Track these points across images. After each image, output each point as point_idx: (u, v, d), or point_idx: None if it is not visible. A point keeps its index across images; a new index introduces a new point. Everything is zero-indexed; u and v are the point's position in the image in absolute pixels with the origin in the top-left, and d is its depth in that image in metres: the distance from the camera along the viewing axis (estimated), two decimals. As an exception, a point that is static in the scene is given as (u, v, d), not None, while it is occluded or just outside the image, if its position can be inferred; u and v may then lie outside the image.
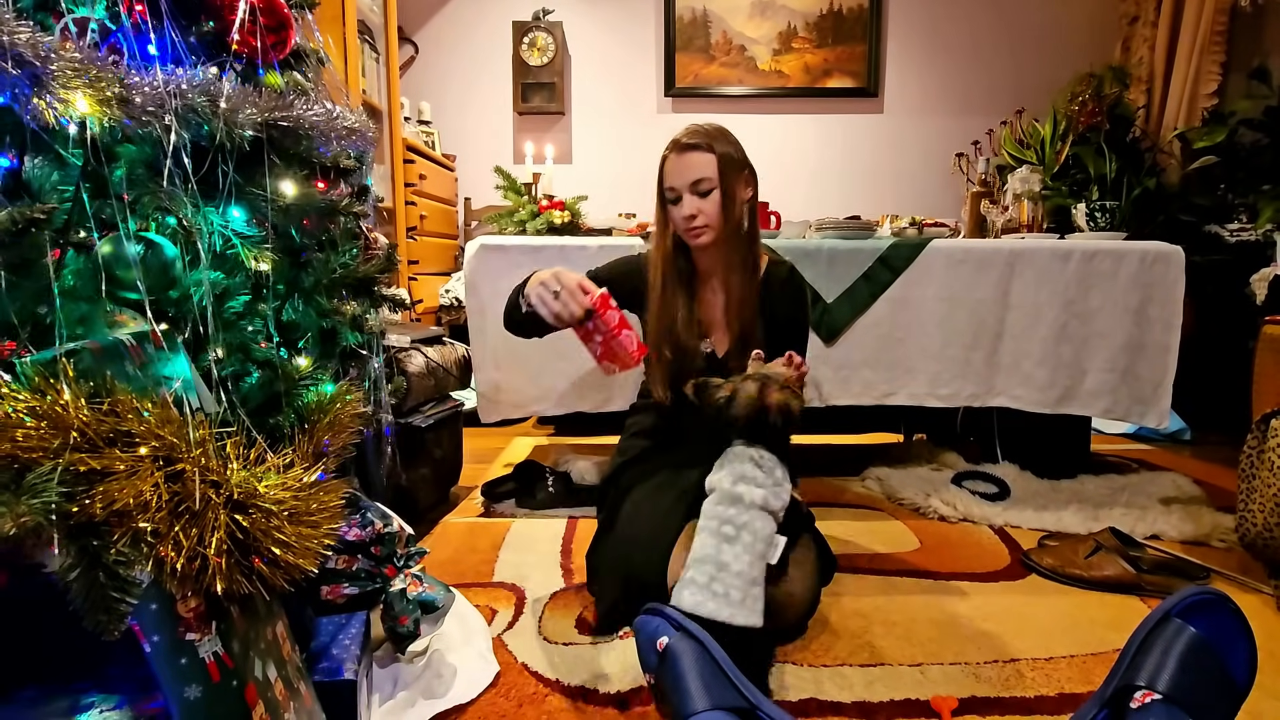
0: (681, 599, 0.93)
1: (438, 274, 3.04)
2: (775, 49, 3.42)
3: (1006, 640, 1.11)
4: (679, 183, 1.24)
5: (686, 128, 1.27)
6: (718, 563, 0.95)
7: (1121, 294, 1.72)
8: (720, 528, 0.98)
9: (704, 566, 0.95)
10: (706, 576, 0.94)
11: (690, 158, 1.24)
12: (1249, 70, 2.81)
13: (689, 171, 1.23)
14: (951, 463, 2.00)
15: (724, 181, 1.24)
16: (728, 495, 1.02)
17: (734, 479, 1.03)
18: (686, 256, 1.33)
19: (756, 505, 1.00)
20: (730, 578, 0.94)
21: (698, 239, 1.26)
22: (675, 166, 1.25)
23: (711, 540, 0.98)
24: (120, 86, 0.61)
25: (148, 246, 0.66)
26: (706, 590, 0.93)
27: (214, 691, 0.57)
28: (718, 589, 0.93)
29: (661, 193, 1.28)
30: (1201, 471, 2.03)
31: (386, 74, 2.75)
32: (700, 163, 1.23)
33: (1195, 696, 0.71)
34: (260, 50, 0.78)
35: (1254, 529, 1.20)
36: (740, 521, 0.99)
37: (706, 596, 0.93)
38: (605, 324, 1.03)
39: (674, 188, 1.25)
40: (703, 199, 1.23)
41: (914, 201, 3.42)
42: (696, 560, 0.97)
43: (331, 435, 0.84)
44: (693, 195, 1.23)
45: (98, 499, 0.48)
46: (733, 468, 1.04)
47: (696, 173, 1.23)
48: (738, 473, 1.03)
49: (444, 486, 1.79)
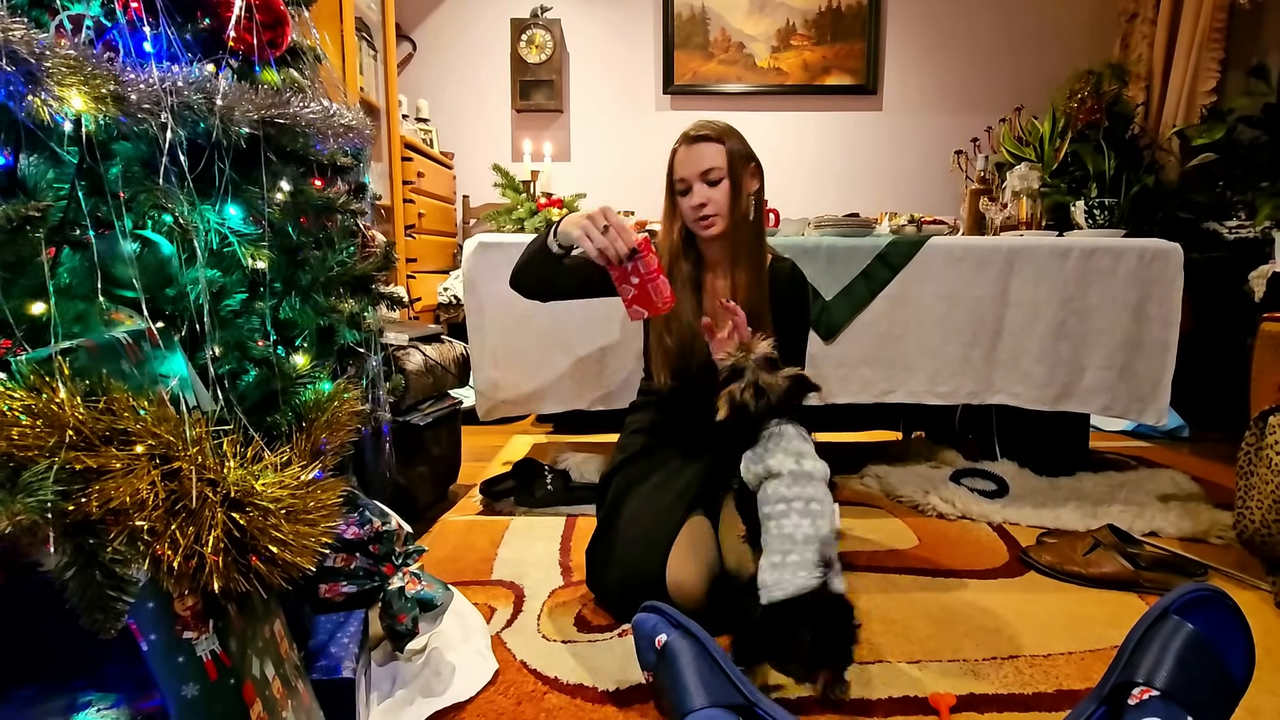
0: (795, 581, 0.93)
1: (436, 272, 3.03)
2: (774, 46, 3.41)
3: (1005, 637, 1.11)
4: (689, 173, 1.26)
5: (695, 122, 1.29)
6: (821, 539, 0.97)
7: (1120, 291, 1.72)
8: (808, 506, 1.00)
9: (810, 546, 0.96)
10: (816, 554, 0.95)
11: (700, 148, 1.26)
12: (1248, 67, 2.82)
13: (699, 161, 1.25)
14: (950, 460, 2.00)
15: (733, 172, 1.25)
16: (800, 474, 1.02)
17: (796, 457, 1.04)
18: (694, 248, 1.34)
19: (821, 478, 1.03)
20: (832, 550, 0.97)
21: (708, 229, 1.27)
22: (685, 157, 1.26)
23: (805, 520, 0.98)
24: (116, 84, 0.60)
25: (144, 244, 0.66)
26: (822, 567, 0.94)
27: (211, 690, 0.57)
28: (833, 562, 0.96)
29: (671, 185, 1.30)
30: (1200, 468, 2.03)
31: (384, 71, 2.75)
32: (710, 153, 1.25)
33: (1193, 693, 0.72)
34: (257, 47, 0.78)
35: (1252, 525, 1.20)
36: (820, 497, 1.01)
37: (833, 574, 0.95)
38: (646, 265, 1.04)
39: (684, 178, 1.26)
40: (712, 188, 1.25)
41: (913, 199, 3.42)
42: (799, 542, 0.97)
43: (329, 433, 0.83)
44: (702, 185, 1.25)
45: (94, 497, 0.48)
46: (788, 447, 1.05)
47: (706, 162, 1.25)
48: (796, 450, 1.05)
49: (443, 484, 1.79)
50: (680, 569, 1.10)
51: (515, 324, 1.75)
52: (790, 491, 1.01)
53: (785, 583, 0.94)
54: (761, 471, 1.05)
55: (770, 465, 1.05)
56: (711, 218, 1.26)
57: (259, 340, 0.78)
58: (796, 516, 0.99)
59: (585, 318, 1.74)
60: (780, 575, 0.95)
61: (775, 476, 1.04)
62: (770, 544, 0.99)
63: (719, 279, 1.35)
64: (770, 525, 1.01)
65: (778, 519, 1.00)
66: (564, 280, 1.25)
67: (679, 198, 1.29)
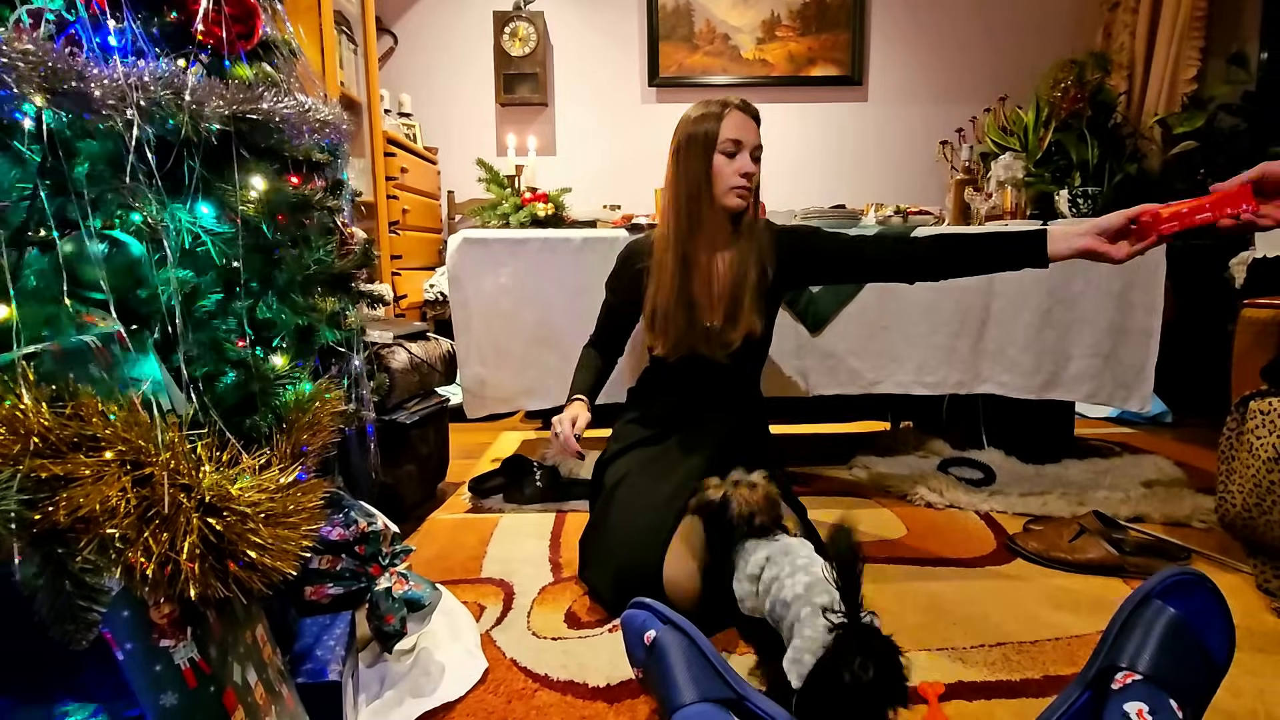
0: (815, 638, 0.83)
1: (422, 269, 3.01)
2: (759, 37, 3.40)
3: (992, 624, 1.12)
4: (746, 138, 1.26)
5: (735, 96, 1.30)
6: (815, 581, 0.91)
7: (1104, 279, 1.73)
8: (794, 564, 0.95)
9: (815, 592, 0.88)
10: (824, 596, 0.87)
11: (753, 123, 1.28)
12: (1228, 55, 2.84)
13: (755, 134, 1.28)
14: (938, 450, 2.01)
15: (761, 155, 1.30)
16: (778, 550, 0.99)
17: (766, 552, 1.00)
18: (699, 219, 1.30)
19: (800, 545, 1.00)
20: (831, 593, 0.87)
21: (740, 199, 1.28)
22: (741, 123, 1.26)
23: (798, 576, 0.93)
24: (78, 80, 0.59)
25: (113, 245, 0.64)
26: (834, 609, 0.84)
27: (191, 698, 0.56)
28: (834, 605, 0.85)
29: (707, 145, 1.25)
30: (1182, 454, 2.06)
31: (365, 65, 2.71)
32: (758, 131, 1.28)
33: (1175, 676, 0.72)
34: (226, 41, 0.76)
35: (1233, 510, 1.21)
36: (803, 552, 0.97)
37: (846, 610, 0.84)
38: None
39: (740, 141, 1.25)
40: (755, 163, 1.28)
41: (898, 189, 3.43)
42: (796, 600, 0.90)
43: (311, 435, 0.82)
44: (750, 157, 1.27)
45: (62, 505, 0.47)
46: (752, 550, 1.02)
47: (758, 138, 1.28)
48: (760, 548, 1.01)
49: (431, 483, 1.78)
50: (678, 566, 1.09)
51: (501, 320, 1.74)
52: (773, 570, 0.96)
53: (807, 646, 0.83)
54: (748, 586, 1.00)
55: (750, 573, 1.00)
56: (749, 189, 1.27)
57: (236, 341, 0.76)
58: (789, 582, 0.92)
59: (572, 314, 1.73)
60: (799, 650, 0.83)
61: (758, 575, 0.99)
62: (789, 632, 0.89)
63: (716, 260, 1.33)
64: (775, 614, 0.93)
65: (776, 597, 0.93)
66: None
67: (721, 157, 1.25)
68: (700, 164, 1.25)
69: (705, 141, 1.25)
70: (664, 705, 0.80)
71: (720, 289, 1.32)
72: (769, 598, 0.94)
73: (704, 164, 1.25)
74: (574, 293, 1.75)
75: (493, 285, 1.74)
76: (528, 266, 1.74)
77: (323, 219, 0.89)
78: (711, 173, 1.26)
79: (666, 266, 1.30)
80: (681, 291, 1.29)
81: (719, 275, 1.33)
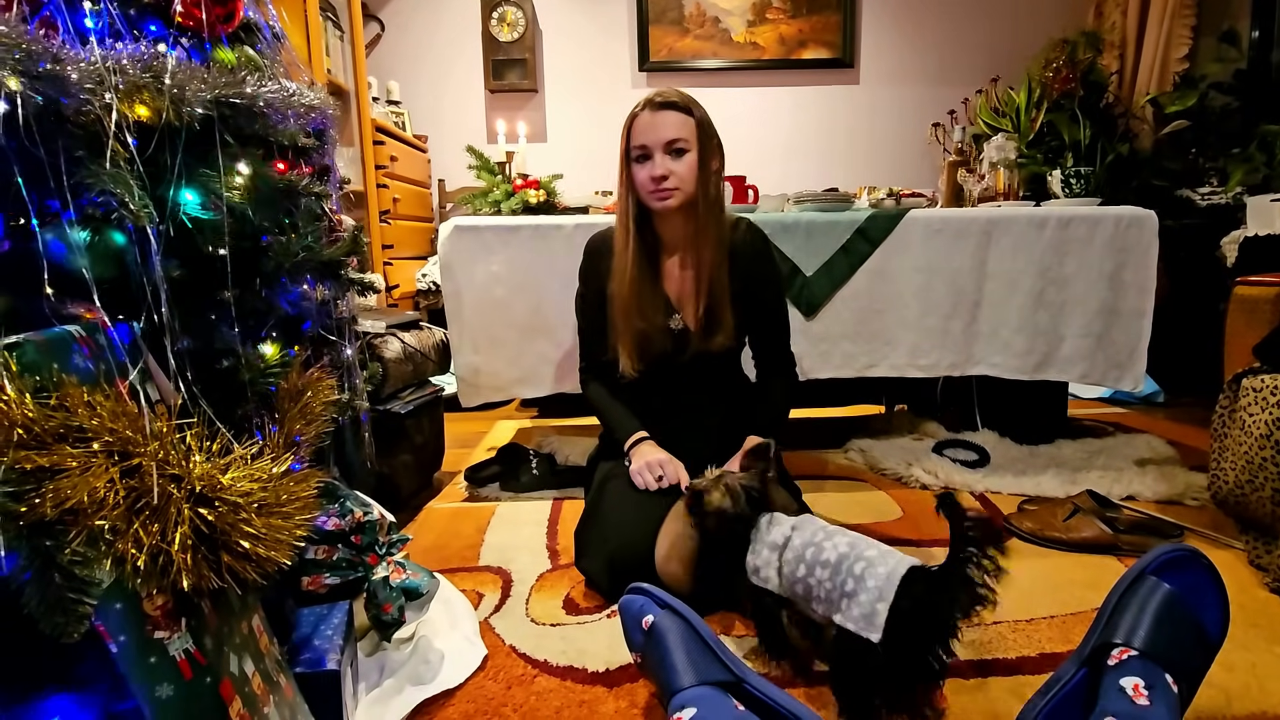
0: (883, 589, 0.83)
1: (414, 258, 2.98)
2: (750, 20, 3.37)
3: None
4: (652, 140, 1.20)
5: (658, 90, 1.24)
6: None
7: (1097, 259, 1.73)
8: (828, 531, 0.94)
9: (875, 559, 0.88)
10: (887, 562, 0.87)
11: (667, 116, 1.20)
12: (1219, 34, 2.83)
13: (665, 130, 1.19)
14: (932, 432, 2.02)
15: (702, 145, 1.21)
16: (802, 522, 0.98)
17: (789, 523, 0.99)
18: (650, 227, 1.29)
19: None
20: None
21: (664, 201, 1.21)
22: (649, 123, 1.20)
23: (835, 540, 0.92)
24: (53, 62, 0.57)
25: (94, 232, 0.63)
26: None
27: (187, 689, 0.56)
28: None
29: (627, 152, 1.24)
30: (1175, 432, 2.07)
31: (352, 52, 2.67)
32: (676, 122, 1.19)
33: (1170, 651, 0.73)
34: (206, 24, 0.74)
35: (1225, 487, 1.22)
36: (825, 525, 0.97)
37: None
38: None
39: (645, 145, 1.20)
40: (676, 160, 1.20)
41: (891, 172, 3.42)
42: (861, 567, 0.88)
43: (303, 424, 0.81)
44: (665, 155, 1.20)
45: (48, 497, 0.46)
46: (776, 522, 1.00)
47: (673, 132, 1.19)
48: (784, 521, 0.99)
49: (427, 472, 1.78)
50: (669, 550, 1.09)
51: (495, 308, 1.73)
52: (804, 536, 0.94)
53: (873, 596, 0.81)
54: (767, 555, 0.96)
55: (771, 541, 0.96)
56: (671, 191, 1.20)
57: (224, 329, 0.75)
58: (828, 545, 0.90)
59: (565, 301, 1.72)
60: (866, 605, 0.82)
61: (782, 544, 0.95)
62: (831, 592, 0.87)
63: (679, 261, 1.30)
64: (814, 577, 0.89)
65: (815, 559, 0.90)
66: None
67: (634, 165, 1.23)
68: (625, 173, 1.26)
69: (624, 151, 1.25)
70: (663, 689, 0.80)
71: (685, 289, 1.30)
72: (802, 563, 0.91)
73: (627, 173, 1.25)
74: (567, 279, 1.73)
75: (485, 273, 1.72)
76: (520, 254, 1.72)
77: (310, 205, 0.88)
78: (635, 182, 1.24)
79: (624, 268, 1.26)
80: (638, 292, 1.25)
81: (674, 275, 1.31)
